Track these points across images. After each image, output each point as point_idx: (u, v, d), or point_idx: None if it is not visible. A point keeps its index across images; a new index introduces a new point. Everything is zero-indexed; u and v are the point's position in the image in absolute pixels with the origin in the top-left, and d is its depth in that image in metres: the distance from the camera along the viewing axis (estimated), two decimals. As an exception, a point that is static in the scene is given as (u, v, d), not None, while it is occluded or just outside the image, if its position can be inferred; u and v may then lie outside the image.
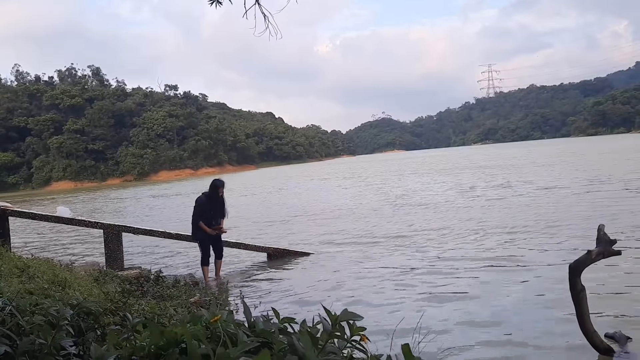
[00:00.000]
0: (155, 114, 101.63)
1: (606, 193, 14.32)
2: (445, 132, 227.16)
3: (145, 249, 11.77)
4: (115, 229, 9.26)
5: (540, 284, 6.38)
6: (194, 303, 5.58)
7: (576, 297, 4.08)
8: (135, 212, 24.48)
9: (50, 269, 5.09)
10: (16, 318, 1.56)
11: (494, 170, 29.74)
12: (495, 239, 9.51)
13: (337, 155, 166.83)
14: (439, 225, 11.70)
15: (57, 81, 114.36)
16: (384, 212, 15.33)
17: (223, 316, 1.38)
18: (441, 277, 7.10)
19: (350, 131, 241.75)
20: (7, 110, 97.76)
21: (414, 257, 8.55)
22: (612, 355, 4.07)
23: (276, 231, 13.50)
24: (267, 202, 23.73)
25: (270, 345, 1.33)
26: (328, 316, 1.31)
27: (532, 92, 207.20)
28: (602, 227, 4.25)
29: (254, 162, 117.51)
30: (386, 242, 10.27)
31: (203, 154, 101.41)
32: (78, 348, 1.58)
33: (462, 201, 16.16)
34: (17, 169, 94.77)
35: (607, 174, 19.93)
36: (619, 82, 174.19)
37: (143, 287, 5.94)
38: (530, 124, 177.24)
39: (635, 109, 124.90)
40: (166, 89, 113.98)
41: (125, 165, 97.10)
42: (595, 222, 5.65)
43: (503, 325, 5.06)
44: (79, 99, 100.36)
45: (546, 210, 12.33)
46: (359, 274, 7.73)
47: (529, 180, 20.63)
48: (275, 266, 8.95)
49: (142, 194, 41.50)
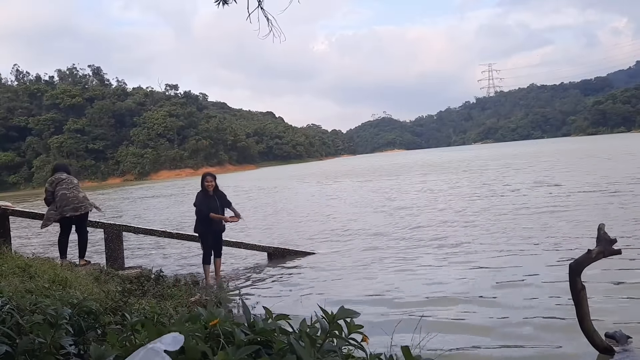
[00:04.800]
0: (155, 113, 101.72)
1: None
2: (446, 132, 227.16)
3: (146, 249, 11.78)
4: (116, 229, 9.27)
5: (542, 284, 6.38)
6: (195, 302, 5.59)
7: (576, 296, 4.09)
8: (136, 211, 24.49)
9: (51, 269, 5.10)
10: (16, 317, 1.57)
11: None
12: (498, 239, 9.51)
13: (337, 154, 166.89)
14: (438, 226, 11.70)
15: (58, 81, 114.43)
16: (384, 212, 15.33)
17: (221, 315, 1.38)
18: (442, 277, 7.11)
19: (351, 130, 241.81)
20: (8, 109, 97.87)
21: (415, 257, 8.55)
22: (612, 355, 4.07)
23: (282, 230, 13.52)
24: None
25: (270, 345, 1.33)
26: (325, 315, 1.31)
27: (533, 91, 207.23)
28: (602, 226, 4.25)
29: (254, 162, 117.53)
30: (386, 242, 10.27)
31: (203, 153, 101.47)
32: (78, 347, 1.58)
33: (462, 204, 16.15)
34: (17, 169, 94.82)
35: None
36: (620, 82, 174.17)
37: (143, 287, 5.94)
38: (530, 123, 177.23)
39: (636, 108, 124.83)
40: (166, 89, 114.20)
41: (125, 164, 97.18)
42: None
43: (503, 325, 5.06)
44: (79, 99, 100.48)
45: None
46: (359, 274, 7.73)
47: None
48: (276, 265, 8.96)
49: (143, 193, 41.51)
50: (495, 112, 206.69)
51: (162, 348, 1.09)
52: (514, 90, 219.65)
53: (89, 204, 7.86)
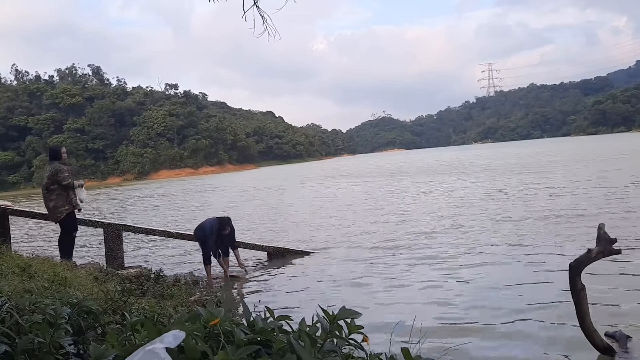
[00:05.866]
0: (155, 113, 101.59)
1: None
2: (446, 131, 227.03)
3: (145, 248, 11.77)
4: (115, 228, 9.27)
5: (543, 285, 6.38)
6: (195, 302, 5.58)
7: (576, 296, 4.08)
8: (136, 211, 24.48)
9: (51, 268, 5.09)
10: (15, 317, 1.56)
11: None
12: (499, 238, 9.50)
13: (337, 154, 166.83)
14: (439, 226, 11.70)
15: (57, 80, 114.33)
16: (385, 212, 15.32)
17: (221, 314, 1.37)
18: (442, 278, 7.10)
19: (351, 130, 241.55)
20: (7, 109, 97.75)
21: (414, 258, 8.54)
22: (612, 355, 4.07)
23: (282, 230, 13.51)
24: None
25: (270, 344, 1.33)
26: (325, 315, 1.31)
27: (532, 91, 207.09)
28: (602, 226, 4.24)
29: (254, 161, 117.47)
30: (387, 242, 10.26)
31: (203, 153, 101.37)
32: (78, 347, 1.58)
33: (453, 204, 16.14)
34: (17, 168, 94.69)
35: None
36: (620, 81, 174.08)
37: (143, 286, 5.94)
38: (530, 123, 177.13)
39: (636, 108, 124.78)
40: (166, 88, 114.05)
41: (125, 164, 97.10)
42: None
43: (503, 325, 5.06)
44: (79, 98, 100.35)
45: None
46: (360, 274, 7.72)
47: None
48: (276, 265, 8.96)
49: (143, 193, 41.49)
50: (495, 112, 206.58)
51: (163, 346, 1.09)
52: (513, 90, 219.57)
53: (59, 213, 7.52)
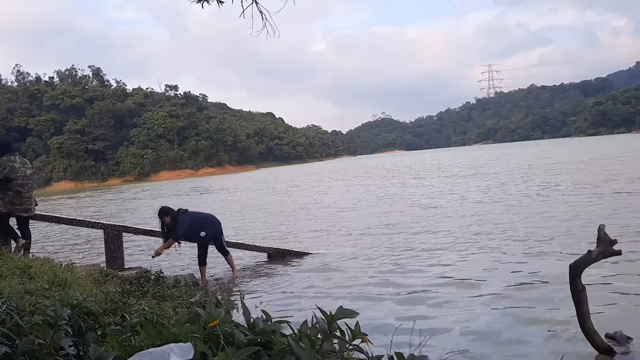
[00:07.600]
0: (155, 114, 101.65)
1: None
2: (446, 132, 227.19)
3: (145, 249, 11.76)
4: (115, 229, 9.25)
5: (543, 285, 6.37)
6: (195, 303, 5.58)
7: (576, 296, 4.08)
8: (135, 211, 24.48)
9: (51, 269, 5.09)
10: (15, 318, 1.56)
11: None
12: (499, 242, 9.50)
13: (337, 155, 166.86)
14: (440, 227, 11.70)
15: (57, 81, 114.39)
16: (385, 213, 15.33)
17: (220, 316, 1.38)
18: (442, 277, 7.10)
19: (351, 131, 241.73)
20: (8, 110, 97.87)
21: (415, 258, 8.54)
22: (613, 355, 4.07)
23: (282, 230, 13.51)
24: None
25: (270, 346, 1.33)
26: (324, 316, 1.31)
27: (533, 92, 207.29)
28: (602, 227, 4.24)
29: (254, 162, 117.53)
30: (388, 243, 10.26)
31: (203, 154, 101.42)
32: (78, 348, 1.58)
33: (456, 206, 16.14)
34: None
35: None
36: (620, 82, 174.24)
37: (143, 287, 5.93)
38: (530, 124, 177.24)
39: (636, 108, 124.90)
40: (166, 89, 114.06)
41: (125, 165, 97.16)
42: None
43: (503, 326, 5.05)
44: (79, 99, 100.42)
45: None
46: (360, 274, 7.72)
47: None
48: (276, 266, 8.95)
49: (143, 194, 41.49)
50: (495, 113, 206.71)
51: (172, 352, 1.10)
52: (514, 90, 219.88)
53: (35, 206, 7.41)
